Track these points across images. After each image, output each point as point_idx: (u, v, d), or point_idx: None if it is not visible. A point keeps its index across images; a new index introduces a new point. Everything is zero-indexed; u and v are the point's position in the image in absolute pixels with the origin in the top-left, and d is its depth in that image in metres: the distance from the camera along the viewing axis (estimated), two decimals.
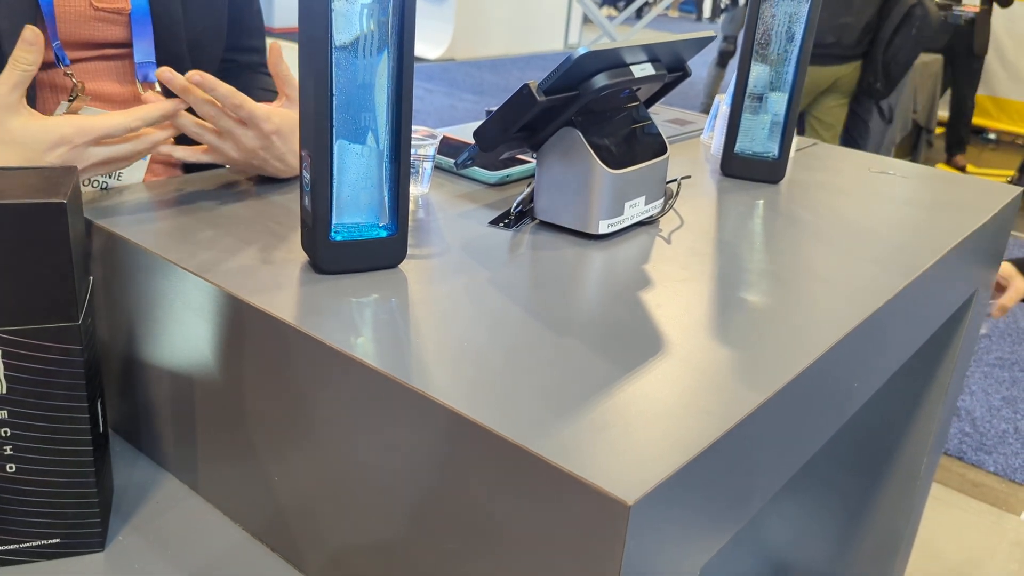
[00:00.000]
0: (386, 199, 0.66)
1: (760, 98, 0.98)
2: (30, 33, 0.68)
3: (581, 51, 0.67)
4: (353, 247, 0.65)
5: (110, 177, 0.86)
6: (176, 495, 0.69)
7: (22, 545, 0.60)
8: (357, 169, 0.64)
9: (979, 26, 4.95)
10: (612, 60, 0.72)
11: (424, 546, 0.53)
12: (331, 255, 0.64)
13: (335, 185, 0.63)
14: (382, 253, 0.66)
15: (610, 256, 0.74)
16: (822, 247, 0.80)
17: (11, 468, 0.57)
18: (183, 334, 0.65)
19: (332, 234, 0.64)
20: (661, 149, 0.81)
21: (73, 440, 0.58)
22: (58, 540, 0.60)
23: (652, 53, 0.77)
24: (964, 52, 5.08)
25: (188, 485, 0.70)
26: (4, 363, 0.54)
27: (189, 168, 1.02)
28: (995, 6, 4.91)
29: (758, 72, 0.97)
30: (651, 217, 0.83)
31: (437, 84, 6.68)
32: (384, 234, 0.66)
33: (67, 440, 0.58)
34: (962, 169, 5.23)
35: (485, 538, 0.49)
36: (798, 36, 0.94)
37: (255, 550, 0.64)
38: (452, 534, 0.51)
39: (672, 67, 0.83)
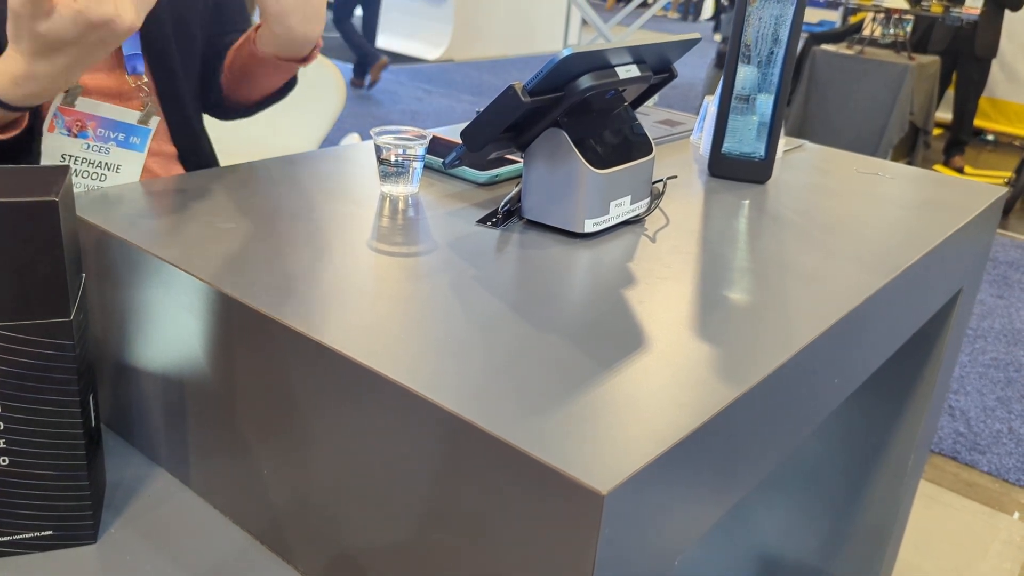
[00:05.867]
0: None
1: (747, 99, 0.99)
2: None
3: (566, 52, 0.68)
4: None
5: (108, 169, 0.87)
6: (168, 489, 0.70)
7: (15, 537, 0.61)
8: None
9: (981, 28, 4.95)
10: (597, 61, 0.73)
11: (406, 536, 0.54)
12: None
13: None
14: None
15: (595, 254, 0.75)
16: (805, 246, 0.81)
17: (4, 461, 0.58)
18: (175, 331, 0.66)
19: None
20: (647, 149, 0.82)
21: (65, 434, 0.59)
22: (51, 532, 0.62)
23: (637, 55, 0.78)
24: (967, 55, 5.09)
25: (180, 480, 0.71)
26: None
27: (187, 165, 1.04)
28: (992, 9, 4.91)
29: (745, 74, 0.98)
30: (637, 216, 0.84)
31: (436, 85, 6.69)
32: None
33: (60, 434, 0.59)
34: (960, 171, 5.24)
35: (467, 529, 0.50)
36: (784, 38, 0.96)
37: (246, 544, 0.65)
38: (435, 525, 0.52)
39: (658, 68, 0.84)
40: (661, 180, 0.95)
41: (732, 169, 1.02)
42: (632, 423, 0.49)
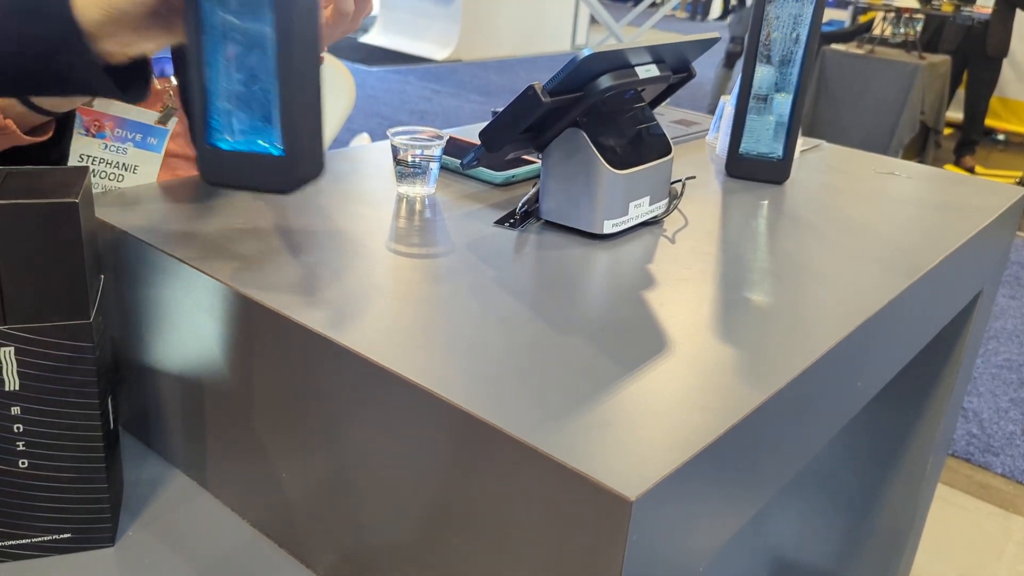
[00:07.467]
0: (276, 112, 0.60)
1: (765, 99, 0.98)
2: None
3: (586, 52, 0.68)
4: (235, 159, 0.61)
5: (125, 170, 0.87)
6: (185, 491, 0.70)
7: (33, 540, 0.61)
8: (236, 70, 0.59)
9: (993, 28, 4.92)
10: (617, 61, 0.72)
11: (428, 541, 0.54)
12: (211, 163, 0.61)
13: (211, 82, 0.59)
14: (268, 174, 0.61)
15: (614, 256, 0.75)
16: (825, 247, 0.81)
17: (23, 464, 0.58)
18: (193, 332, 0.66)
19: (213, 140, 0.61)
20: (666, 150, 0.82)
21: (84, 436, 0.59)
22: (69, 535, 0.61)
23: (657, 54, 0.77)
24: (978, 54, 5.06)
25: (197, 482, 0.71)
26: (17, 360, 0.55)
27: None
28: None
29: (763, 73, 0.97)
30: (656, 217, 0.84)
31: (444, 85, 6.69)
32: (273, 152, 0.61)
33: (78, 436, 0.59)
34: (970, 170, 5.22)
35: (490, 534, 0.50)
36: (803, 37, 0.95)
37: (263, 546, 0.65)
38: (456, 529, 0.52)
39: (677, 68, 0.83)
40: (680, 180, 0.95)
41: (750, 169, 1.01)
42: (657, 427, 0.49)
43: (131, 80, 0.68)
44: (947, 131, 5.56)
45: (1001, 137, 6.18)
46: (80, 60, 0.63)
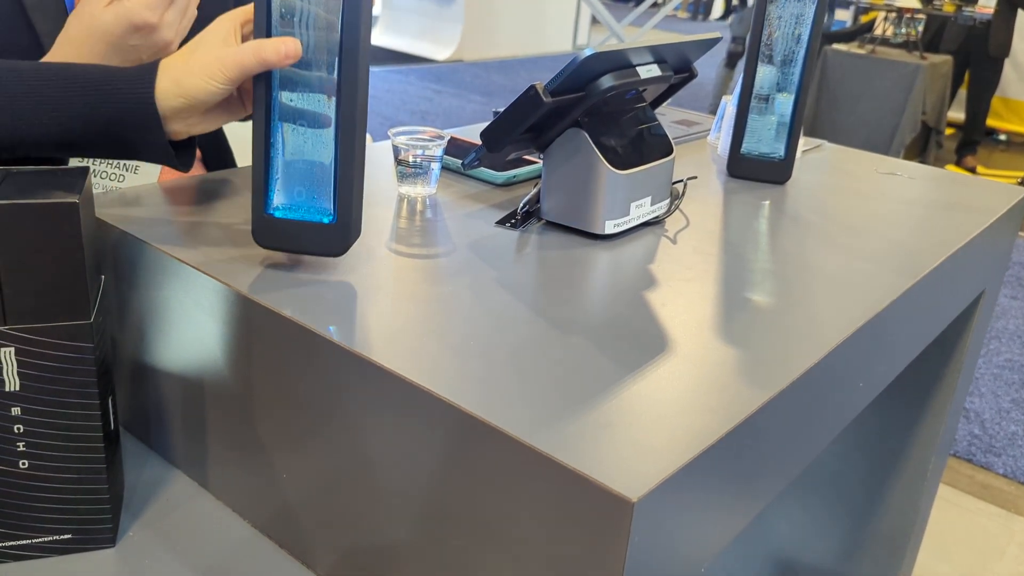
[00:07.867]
0: (330, 185, 0.64)
1: (767, 99, 0.98)
2: None
3: (587, 52, 0.68)
4: (289, 226, 0.65)
5: (126, 170, 0.87)
6: (186, 492, 0.70)
7: (34, 540, 0.60)
8: (297, 148, 0.64)
9: (995, 28, 4.92)
10: (618, 61, 0.72)
11: (429, 542, 0.53)
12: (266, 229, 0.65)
13: (273, 159, 0.64)
14: (320, 239, 0.65)
15: (616, 256, 0.74)
16: (827, 247, 0.80)
17: (24, 464, 0.58)
18: (194, 333, 0.66)
19: (270, 209, 0.65)
20: (667, 150, 0.82)
21: (85, 437, 0.59)
22: (69, 536, 0.61)
23: (658, 54, 0.77)
24: (980, 54, 5.06)
25: (198, 482, 0.71)
26: (17, 361, 0.55)
27: (208, 167, 1.03)
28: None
29: (764, 73, 0.97)
30: (657, 217, 0.84)
31: (445, 85, 6.69)
32: (324, 220, 0.65)
33: (79, 437, 0.58)
34: (972, 170, 5.21)
35: (490, 535, 0.50)
36: (804, 37, 0.95)
37: (264, 547, 0.65)
38: (457, 530, 0.51)
39: (678, 68, 0.83)
40: (681, 180, 0.95)
41: (751, 169, 1.01)
42: (659, 428, 0.49)
43: (183, 149, 0.74)
44: (949, 131, 5.55)
45: (1003, 137, 6.18)
46: (153, 139, 0.69)
